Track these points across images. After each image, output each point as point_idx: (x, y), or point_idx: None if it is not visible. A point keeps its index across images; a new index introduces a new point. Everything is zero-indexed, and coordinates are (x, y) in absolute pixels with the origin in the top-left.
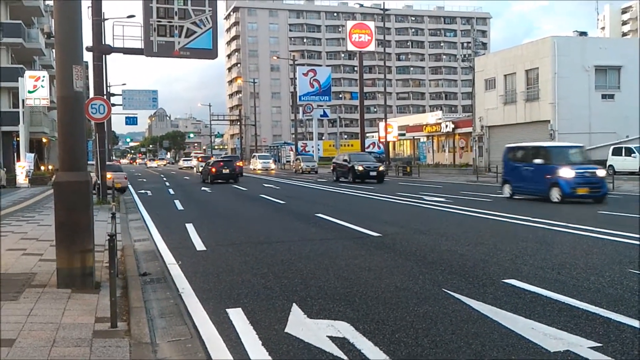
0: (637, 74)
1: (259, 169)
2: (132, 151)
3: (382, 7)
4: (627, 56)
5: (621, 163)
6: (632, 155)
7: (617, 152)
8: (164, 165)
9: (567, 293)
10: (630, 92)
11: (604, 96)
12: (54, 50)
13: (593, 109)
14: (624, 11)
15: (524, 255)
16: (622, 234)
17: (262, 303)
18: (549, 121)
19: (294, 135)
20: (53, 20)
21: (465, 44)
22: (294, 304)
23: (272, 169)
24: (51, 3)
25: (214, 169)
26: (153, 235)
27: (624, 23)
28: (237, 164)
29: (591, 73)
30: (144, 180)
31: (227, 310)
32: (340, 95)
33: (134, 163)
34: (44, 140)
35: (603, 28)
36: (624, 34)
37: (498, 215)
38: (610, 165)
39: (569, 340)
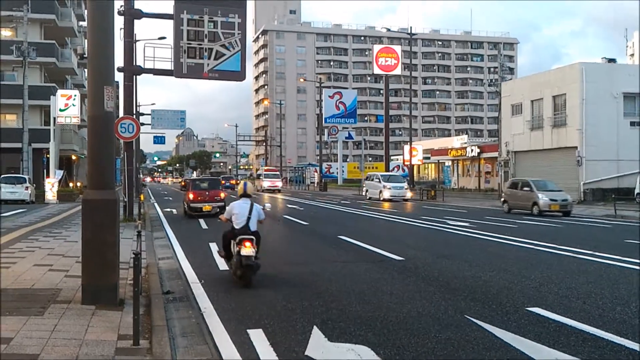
0: None
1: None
2: (159, 169)
3: (409, 31)
4: None
5: None
6: None
7: None
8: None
9: (593, 323)
10: None
11: (632, 123)
12: (86, 70)
13: (621, 136)
14: None
15: (548, 283)
16: None
17: (283, 324)
18: (576, 147)
19: (318, 157)
20: (86, 41)
21: (492, 69)
22: (314, 326)
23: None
24: (85, 24)
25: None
26: (177, 253)
27: None
28: (231, 182)
29: (619, 100)
30: (170, 198)
31: (248, 330)
32: (366, 118)
33: (158, 180)
34: (74, 157)
35: (632, 55)
36: None
37: (523, 241)
38: (639, 194)
39: None
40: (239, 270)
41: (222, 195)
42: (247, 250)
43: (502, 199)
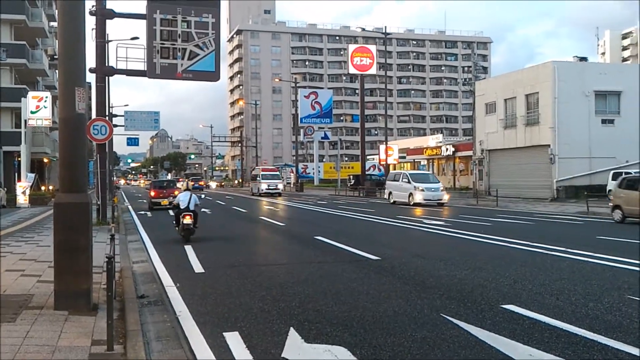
0: (637, 99)
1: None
2: (133, 172)
3: (383, 31)
4: (627, 81)
5: None
6: None
7: (616, 177)
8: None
9: (566, 319)
10: (630, 118)
11: (603, 121)
12: (57, 71)
13: (593, 133)
14: (624, 37)
15: (522, 280)
16: (621, 259)
17: (259, 327)
18: (549, 145)
19: (294, 157)
20: (57, 41)
21: (466, 68)
22: (291, 328)
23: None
24: (55, 24)
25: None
26: (152, 256)
27: (624, 48)
28: (200, 183)
29: (591, 98)
30: (144, 201)
31: (224, 333)
32: (342, 118)
33: (129, 183)
34: (45, 160)
35: (603, 53)
36: (624, 60)
37: (497, 239)
38: (610, 190)
39: None
40: (182, 232)
41: (176, 192)
42: (187, 220)
43: (611, 204)
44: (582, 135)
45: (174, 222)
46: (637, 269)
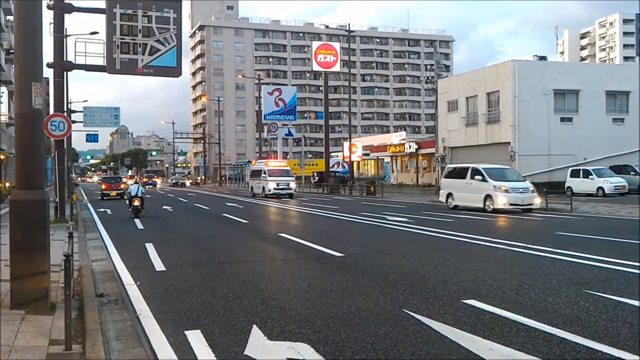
0: (594, 98)
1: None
2: (93, 169)
3: (347, 28)
4: (585, 80)
5: (579, 185)
6: (590, 177)
7: (575, 174)
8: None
9: (525, 313)
10: (588, 116)
11: (562, 119)
12: (13, 66)
13: (552, 131)
14: (582, 36)
15: (483, 275)
16: (579, 254)
17: (221, 325)
18: (509, 143)
19: (258, 154)
20: (13, 35)
21: (428, 67)
22: (254, 325)
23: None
24: (12, 18)
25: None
26: (111, 255)
27: (583, 48)
28: (153, 179)
29: (550, 97)
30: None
31: (185, 332)
32: (306, 115)
33: (84, 180)
34: (2, 157)
35: (562, 53)
36: (583, 59)
37: (459, 235)
38: (569, 187)
39: None
40: (133, 211)
41: (122, 186)
42: (136, 202)
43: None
44: (541, 133)
45: (128, 204)
46: (595, 264)
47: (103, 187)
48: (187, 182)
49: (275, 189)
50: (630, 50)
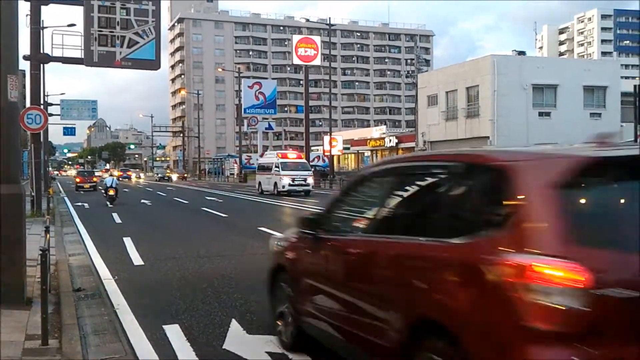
0: (572, 93)
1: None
2: (70, 162)
3: (328, 22)
4: (564, 75)
5: None
6: None
7: None
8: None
9: None
10: (566, 110)
11: (540, 114)
12: None
13: (530, 126)
14: (561, 32)
15: None
16: None
17: (200, 319)
18: (488, 137)
19: (238, 148)
20: None
21: (409, 61)
22: (233, 319)
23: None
24: None
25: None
26: (89, 249)
27: (561, 43)
28: (128, 173)
29: (529, 91)
30: (82, 192)
31: (163, 326)
32: (286, 109)
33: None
34: None
35: (541, 48)
36: (561, 54)
37: None
38: None
39: None
40: (108, 199)
41: (95, 179)
42: (111, 192)
43: None
44: (520, 127)
45: (104, 193)
46: None
47: (78, 180)
48: (174, 176)
49: (290, 184)
50: (608, 46)
